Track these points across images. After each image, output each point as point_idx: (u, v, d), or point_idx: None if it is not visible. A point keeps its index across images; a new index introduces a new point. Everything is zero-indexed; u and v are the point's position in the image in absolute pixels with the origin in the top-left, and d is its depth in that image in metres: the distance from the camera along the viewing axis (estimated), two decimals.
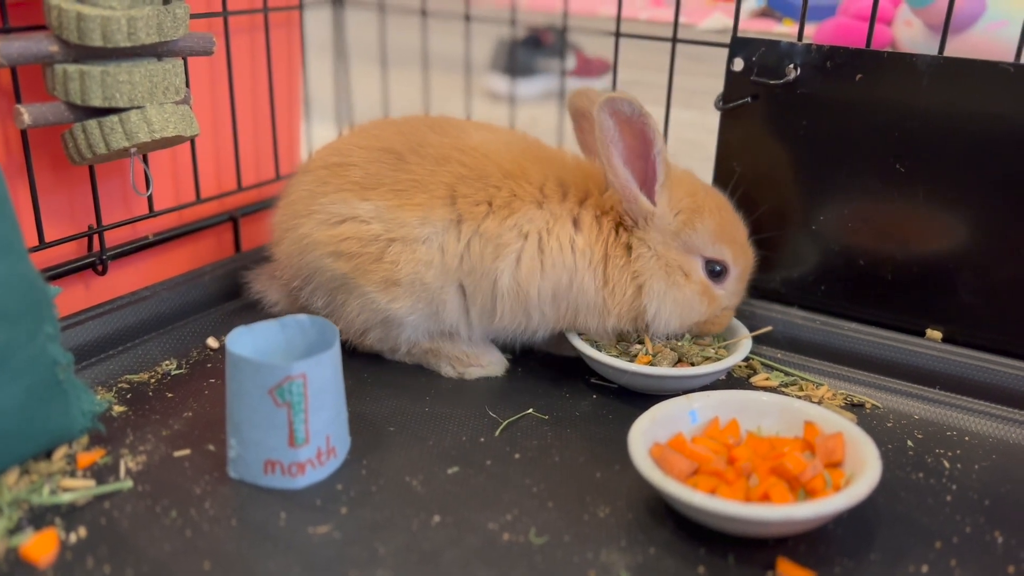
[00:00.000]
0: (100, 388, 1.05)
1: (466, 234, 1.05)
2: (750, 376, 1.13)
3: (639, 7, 2.69)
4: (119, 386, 1.06)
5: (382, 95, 1.65)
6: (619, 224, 1.08)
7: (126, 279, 1.22)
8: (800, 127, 1.17)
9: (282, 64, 1.43)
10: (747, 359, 1.14)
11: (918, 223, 1.12)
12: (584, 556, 0.80)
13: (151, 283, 1.22)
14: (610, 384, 1.10)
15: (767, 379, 1.12)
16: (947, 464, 0.96)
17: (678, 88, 1.30)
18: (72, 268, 1.13)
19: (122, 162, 1.16)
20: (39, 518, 0.83)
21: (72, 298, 1.14)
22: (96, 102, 0.99)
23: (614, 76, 1.36)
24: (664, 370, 1.04)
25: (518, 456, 0.95)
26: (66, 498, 0.85)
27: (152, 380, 1.08)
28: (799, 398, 1.05)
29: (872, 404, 1.08)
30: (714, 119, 1.23)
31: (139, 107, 1.03)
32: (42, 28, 0.98)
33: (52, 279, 1.10)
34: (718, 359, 1.08)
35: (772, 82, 1.16)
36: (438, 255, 1.05)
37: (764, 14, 2.46)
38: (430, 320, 1.08)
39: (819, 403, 1.06)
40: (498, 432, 1.00)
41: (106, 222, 1.17)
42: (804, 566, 0.79)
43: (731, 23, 1.21)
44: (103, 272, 1.17)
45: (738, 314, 1.17)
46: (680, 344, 1.10)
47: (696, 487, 0.82)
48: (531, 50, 2.85)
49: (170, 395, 1.05)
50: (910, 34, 1.60)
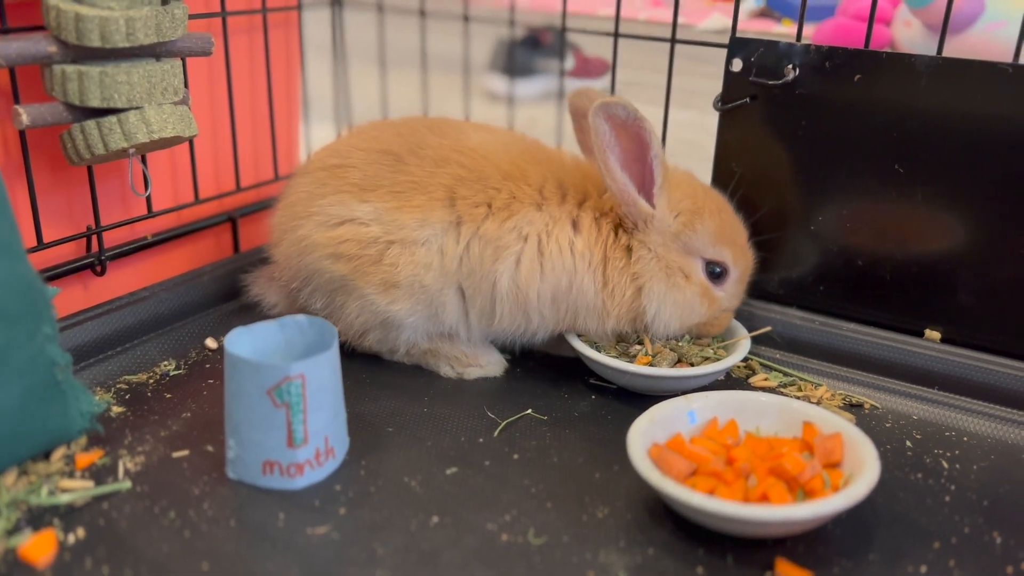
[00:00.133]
0: (99, 389, 1.05)
1: (465, 236, 1.05)
2: (749, 376, 1.13)
3: (638, 7, 2.70)
4: (118, 387, 1.06)
5: (381, 96, 1.65)
6: (618, 226, 1.07)
7: (125, 280, 1.22)
8: (799, 127, 1.17)
9: (281, 65, 1.43)
10: (746, 359, 1.14)
11: (917, 223, 1.12)
12: (583, 557, 0.80)
13: (150, 284, 1.22)
14: (609, 385, 1.10)
15: (766, 379, 1.12)
16: (946, 464, 0.96)
17: (677, 88, 1.29)
18: (71, 269, 1.13)
19: (121, 163, 1.16)
20: (37, 519, 0.83)
21: (71, 299, 1.14)
22: (94, 103, 0.99)
23: (613, 76, 1.36)
24: (663, 371, 1.04)
25: (517, 457, 0.95)
26: (64, 499, 0.85)
27: (151, 381, 1.08)
28: (798, 398, 1.04)
29: (871, 404, 1.08)
30: (713, 119, 1.23)
31: (137, 108, 1.03)
32: (40, 28, 0.98)
33: (51, 280, 1.10)
34: (717, 359, 1.08)
35: (771, 82, 1.16)
36: (437, 257, 1.05)
37: (763, 14, 2.46)
38: (429, 322, 1.08)
39: (818, 403, 1.06)
40: (497, 433, 1.00)
41: (105, 223, 1.17)
42: (803, 566, 0.79)
43: (730, 23, 1.21)
44: (102, 273, 1.17)
45: (737, 314, 1.17)
46: (679, 345, 1.10)
47: (695, 488, 0.82)
48: (530, 50, 2.84)
49: (169, 396, 1.05)
50: (909, 34, 1.60)
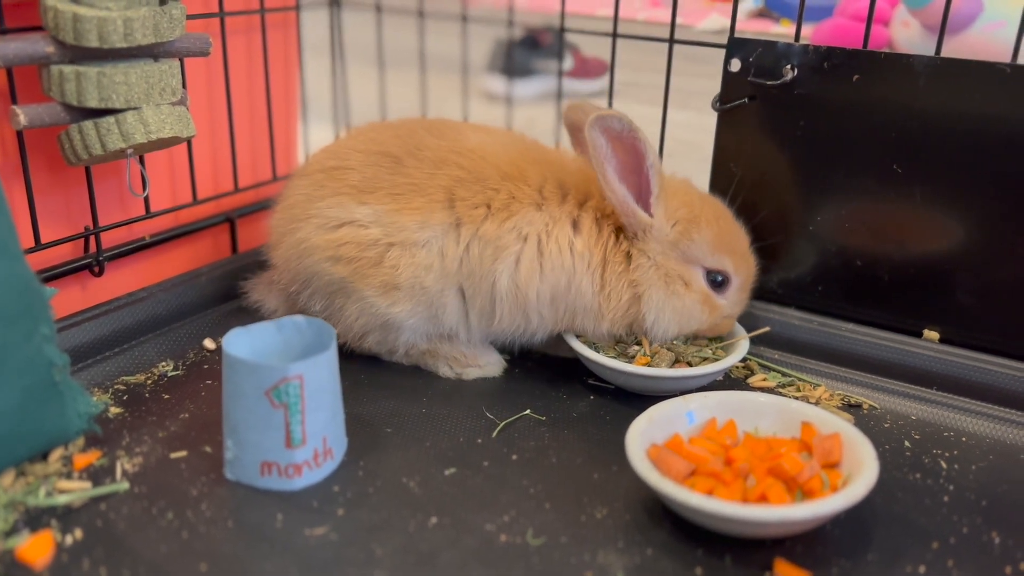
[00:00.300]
0: (96, 389, 1.05)
1: (465, 237, 1.04)
2: (747, 377, 1.13)
3: (637, 8, 2.70)
4: (115, 387, 1.06)
5: (379, 96, 1.65)
6: (620, 229, 1.07)
7: (123, 280, 1.22)
8: (797, 128, 1.17)
9: (279, 65, 1.43)
10: (744, 360, 1.14)
11: (915, 224, 1.12)
12: (581, 557, 0.80)
13: (148, 284, 1.22)
14: (607, 385, 1.10)
15: (764, 380, 1.12)
16: (944, 465, 0.96)
17: (675, 89, 1.29)
18: (68, 269, 1.13)
19: (118, 163, 1.16)
20: (35, 520, 0.83)
21: (68, 299, 1.14)
22: (92, 103, 0.99)
23: (611, 77, 1.36)
24: (661, 371, 1.04)
25: (515, 457, 0.95)
26: (62, 500, 0.84)
27: (148, 381, 1.08)
28: (796, 399, 1.04)
29: (869, 405, 1.08)
30: (711, 120, 1.23)
31: (135, 108, 1.02)
32: (38, 29, 0.98)
33: (48, 280, 1.10)
34: (715, 360, 1.08)
35: (769, 83, 1.16)
36: (437, 259, 1.05)
37: (761, 15, 2.46)
38: (429, 323, 1.08)
39: (816, 404, 1.06)
40: (495, 433, 1.00)
41: (103, 223, 1.16)
42: (801, 567, 0.79)
43: (728, 24, 1.21)
44: (99, 273, 1.16)
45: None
46: (677, 345, 1.10)
47: (693, 488, 0.82)
48: (528, 51, 2.84)
49: (166, 396, 1.05)
50: (907, 35, 1.60)
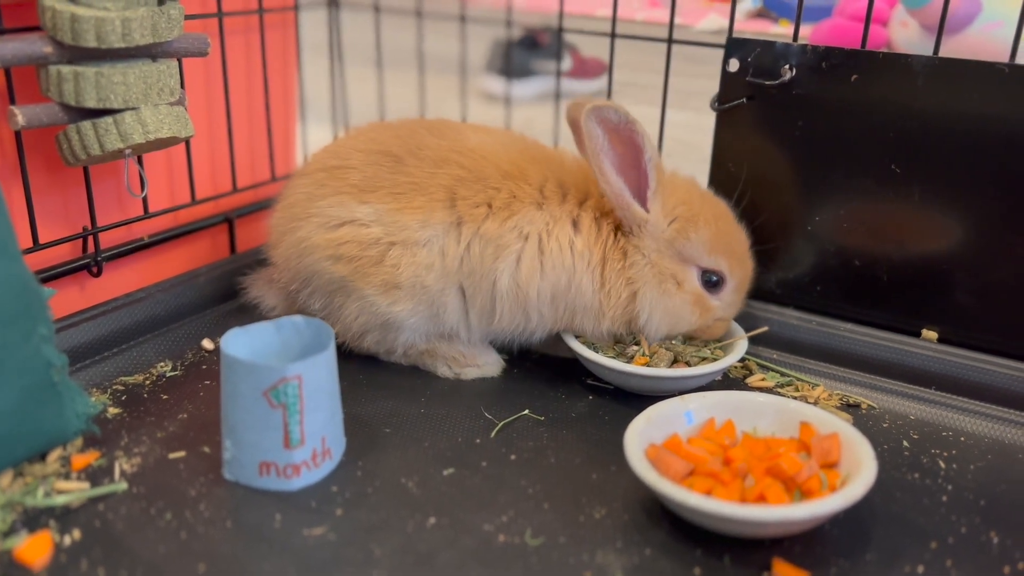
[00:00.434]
0: (95, 390, 1.05)
1: (466, 236, 1.04)
2: (746, 377, 1.13)
3: (635, 8, 2.70)
4: (114, 388, 1.06)
5: (378, 96, 1.65)
6: (618, 227, 1.07)
7: (121, 280, 1.22)
8: (796, 128, 1.17)
9: (277, 65, 1.43)
10: (743, 360, 1.14)
11: (914, 223, 1.12)
12: (580, 558, 0.80)
13: (146, 285, 1.22)
14: (606, 385, 1.10)
15: (763, 380, 1.12)
16: (943, 464, 0.96)
17: (674, 89, 1.29)
18: (67, 270, 1.13)
19: (117, 163, 1.16)
20: (33, 520, 0.82)
21: (67, 300, 1.14)
22: (90, 103, 0.99)
23: (610, 77, 1.36)
24: (660, 371, 1.04)
25: (514, 457, 0.95)
26: (60, 500, 0.84)
27: (147, 382, 1.08)
28: (795, 399, 1.04)
29: (868, 404, 1.08)
30: (710, 120, 1.23)
31: (133, 108, 1.02)
32: (36, 29, 0.98)
33: (46, 281, 1.10)
34: (714, 360, 1.08)
35: (768, 83, 1.16)
36: (438, 258, 1.05)
37: (760, 15, 2.46)
38: (430, 322, 1.08)
39: (815, 404, 1.06)
40: (494, 433, 1.00)
41: (101, 223, 1.16)
42: (800, 567, 0.79)
43: (727, 24, 1.21)
44: (98, 274, 1.16)
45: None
46: (676, 345, 1.10)
47: (692, 488, 0.82)
48: (527, 51, 2.84)
49: (165, 397, 1.05)
50: (906, 35, 1.60)
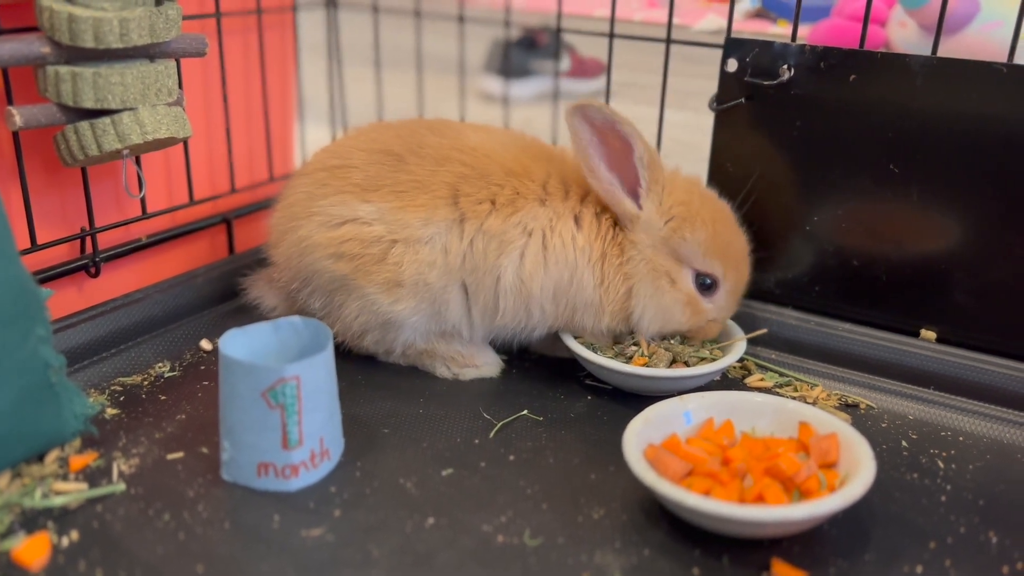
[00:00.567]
0: (93, 391, 1.05)
1: (469, 233, 1.05)
2: (745, 377, 1.13)
3: (633, 8, 2.70)
4: (112, 388, 1.05)
5: (376, 97, 1.64)
6: (617, 222, 1.08)
7: (119, 281, 1.22)
8: (794, 128, 1.17)
9: (275, 66, 1.43)
10: (742, 360, 1.14)
11: (912, 223, 1.12)
12: (578, 558, 0.80)
13: (144, 285, 1.21)
14: (605, 385, 1.10)
15: (762, 380, 1.12)
16: (941, 464, 0.96)
17: (672, 89, 1.29)
18: (65, 270, 1.13)
19: (114, 164, 1.16)
20: (31, 521, 0.82)
21: (65, 300, 1.14)
22: (88, 104, 0.99)
23: (608, 77, 1.36)
24: (658, 371, 1.04)
25: (512, 458, 0.95)
26: (58, 501, 0.84)
27: (145, 383, 1.08)
28: (794, 399, 1.04)
29: (866, 404, 1.08)
30: (708, 120, 1.23)
31: (131, 109, 1.02)
32: (34, 30, 0.98)
33: (44, 281, 1.10)
34: (713, 360, 1.08)
35: (766, 83, 1.16)
36: (441, 255, 1.05)
37: (758, 15, 2.47)
38: (432, 320, 1.08)
39: (813, 404, 1.06)
40: (492, 434, 1.00)
41: (99, 224, 1.16)
42: (799, 567, 0.79)
43: (725, 24, 1.21)
44: (96, 274, 1.16)
45: (733, 315, 1.17)
46: (675, 345, 1.10)
47: (690, 488, 0.82)
48: (525, 51, 2.84)
49: (163, 397, 1.04)
50: (904, 35, 1.60)
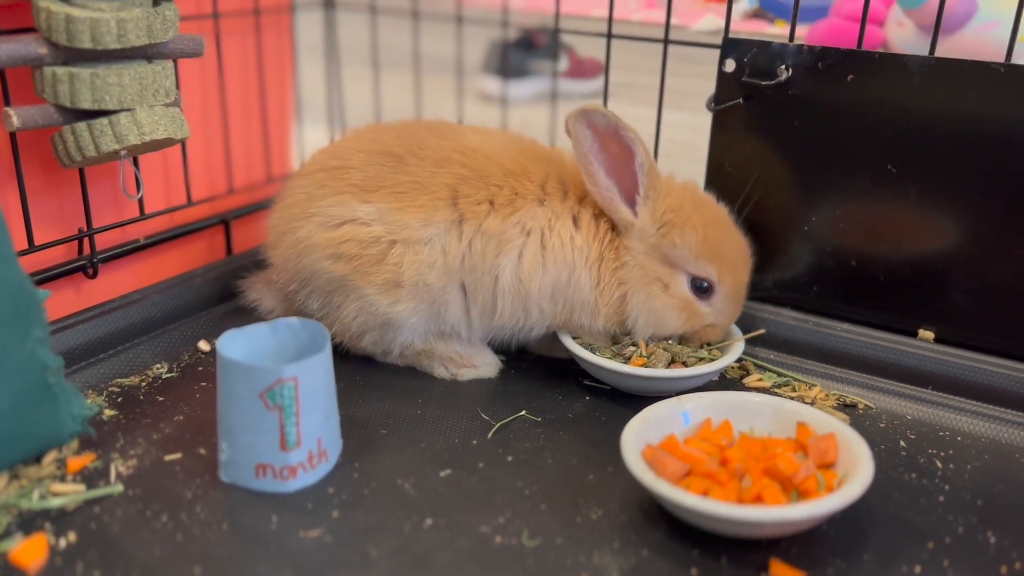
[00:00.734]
0: (90, 392, 1.04)
1: (468, 233, 1.05)
2: (743, 377, 1.13)
3: (631, 8, 2.69)
4: (110, 390, 1.05)
5: (374, 97, 1.64)
6: (614, 227, 1.08)
7: (117, 282, 1.22)
8: (792, 128, 1.17)
9: (273, 66, 1.43)
10: (740, 360, 1.14)
11: (910, 223, 1.12)
12: (577, 558, 0.80)
13: (142, 286, 1.21)
14: (603, 386, 1.10)
15: (760, 380, 1.12)
16: (940, 464, 0.96)
17: (670, 89, 1.29)
18: (62, 271, 1.13)
19: (112, 165, 1.16)
20: (29, 523, 0.82)
21: (62, 301, 1.14)
22: (86, 104, 0.99)
23: (606, 77, 1.36)
24: (657, 372, 1.04)
25: (511, 458, 0.95)
26: (56, 503, 0.84)
27: (143, 384, 1.07)
28: (792, 399, 1.04)
29: (865, 405, 1.08)
30: (706, 120, 1.23)
31: (129, 109, 1.02)
32: (31, 30, 0.98)
33: (42, 282, 1.10)
34: (711, 360, 1.08)
35: (764, 83, 1.16)
36: (440, 256, 1.05)
37: (756, 15, 2.46)
38: (431, 321, 1.08)
39: (812, 404, 1.06)
40: (490, 434, 0.99)
41: (96, 225, 1.16)
42: (797, 567, 0.79)
43: (723, 24, 1.21)
44: (93, 275, 1.16)
45: None
46: (673, 345, 1.10)
47: (689, 489, 0.82)
48: (523, 51, 2.84)
49: (161, 399, 1.04)
50: (902, 35, 1.60)
